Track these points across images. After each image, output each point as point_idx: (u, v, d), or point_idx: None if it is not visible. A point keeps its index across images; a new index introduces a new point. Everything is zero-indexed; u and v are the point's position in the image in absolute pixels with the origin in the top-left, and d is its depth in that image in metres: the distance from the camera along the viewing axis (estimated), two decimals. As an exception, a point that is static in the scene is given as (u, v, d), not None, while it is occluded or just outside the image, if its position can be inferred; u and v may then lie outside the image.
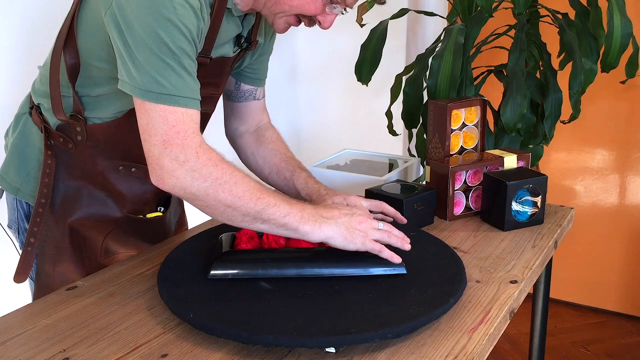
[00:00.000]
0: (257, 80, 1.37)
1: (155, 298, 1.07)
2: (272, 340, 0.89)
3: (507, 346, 2.61)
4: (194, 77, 1.02)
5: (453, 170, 1.39)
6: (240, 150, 1.40)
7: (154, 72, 0.98)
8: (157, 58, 0.97)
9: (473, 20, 1.94)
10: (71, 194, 1.21)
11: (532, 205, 1.36)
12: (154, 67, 0.98)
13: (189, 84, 1.01)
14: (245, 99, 1.37)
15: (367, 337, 0.90)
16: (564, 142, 2.75)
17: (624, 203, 2.76)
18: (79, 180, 1.21)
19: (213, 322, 0.93)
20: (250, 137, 1.39)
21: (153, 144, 0.99)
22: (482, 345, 0.93)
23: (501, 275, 1.14)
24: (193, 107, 1.01)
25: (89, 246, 1.24)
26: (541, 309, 1.52)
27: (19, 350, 0.93)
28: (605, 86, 2.42)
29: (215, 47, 1.13)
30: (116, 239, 1.27)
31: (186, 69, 1.00)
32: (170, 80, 0.99)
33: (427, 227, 1.37)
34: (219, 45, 1.14)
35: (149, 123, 0.99)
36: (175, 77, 0.99)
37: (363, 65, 2.11)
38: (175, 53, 0.98)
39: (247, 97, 1.37)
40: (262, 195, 1.02)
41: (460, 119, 1.47)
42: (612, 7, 1.90)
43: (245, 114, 1.38)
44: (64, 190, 1.21)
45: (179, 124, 0.99)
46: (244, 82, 1.35)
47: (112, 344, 0.94)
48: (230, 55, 1.20)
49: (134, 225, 1.28)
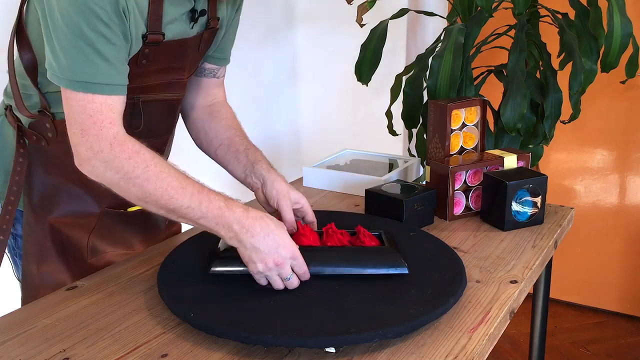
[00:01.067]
0: (221, 60, 1.33)
1: (155, 298, 1.07)
2: (272, 340, 0.89)
3: (507, 346, 2.61)
4: (113, 63, 1.00)
5: (453, 170, 1.39)
6: (191, 124, 1.35)
7: (69, 59, 0.98)
8: (72, 45, 0.97)
9: (473, 20, 1.94)
10: (49, 191, 1.20)
11: (532, 206, 1.36)
12: (69, 54, 0.97)
13: (104, 70, 0.99)
14: (205, 75, 1.33)
15: (367, 337, 0.90)
16: (564, 142, 2.75)
17: (624, 203, 2.76)
18: (55, 177, 1.19)
19: (213, 322, 0.93)
20: (203, 111, 1.34)
21: (73, 132, 1.01)
22: (482, 345, 0.93)
23: (501, 275, 1.14)
24: (110, 93, 1.00)
25: (74, 245, 1.23)
26: (541, 309, 1.52)
27: (19, 350, 0.93)
28: (605, 86, 2.41)
29: (166, 24, 1.09)
30: (101, 236, 1.26)
31: (102, 55, 0.99)
32: (84, 68, 0.98)
33: (427, 227, 1.37)
34: (170, 21, 1.10)
35: (69, 112, 1.00)
36: (89, 64, 0.98)
37: (363, 65, 2.11)
38: (90, 39, 0.97)
39: (206, 74, 1.33)
40: (175, 195, 1.00)
41: (460, 119, 1.47)
42: (612, 7, 1.90)
43: (201, 88, 1.33)
44: (41, 188, 1.19)
45: (96, 113, 0.99)
46: (208, 62, 1.31)
47: (112, 344, 0.94)
48: (190, 34, 1.15)
49: (116, 220, 1.27)
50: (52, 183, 1.20)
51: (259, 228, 1.01)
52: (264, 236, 1.01)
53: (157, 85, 1.16)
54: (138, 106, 1.15)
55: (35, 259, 1.22)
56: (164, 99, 1.19)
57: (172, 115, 1.26)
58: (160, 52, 1.10)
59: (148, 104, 1.17)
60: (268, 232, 1.02)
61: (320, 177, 1.64)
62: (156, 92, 1.17)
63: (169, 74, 1.15)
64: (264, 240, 1.01)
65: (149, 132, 1.20)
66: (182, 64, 1.19)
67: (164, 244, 1.31)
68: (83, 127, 0.99)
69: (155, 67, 1.13)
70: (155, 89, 1.16)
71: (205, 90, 1.34)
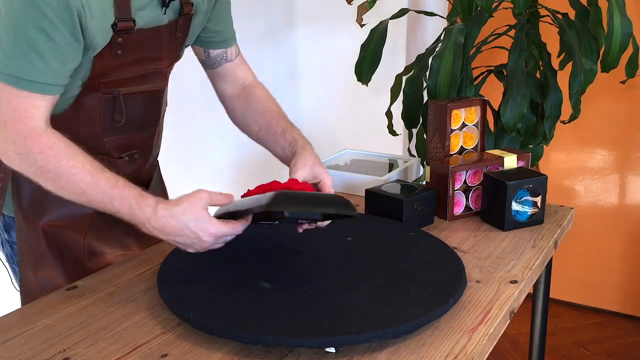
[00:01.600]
0: (224, 42, 1.31)
1: (155, 298, 1.07)
2: (272, 340, 0.89)
3: (507, 346, 2.61)
4: (50, 63, 1.00)
5: (453, 170, 1.39)
6: (230, 112, 1.36)
7: (6, 53, 0.99)
8: (11, 40, 0.98)
9: (473, 20, 1.94)
10: (37, 195, 1.18)
11: (532, 205, 1.36)
12: (7, 48, 0.99)
13: (40, 69, 1.00)
14: (219, 64, 1.32)
15: (367, 337, 0.90)
16: (564, 142, 2.75)
17: (624, 203, 2.76)
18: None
19: (213, 322, 0.93)
20: (236, 99, 1.33)
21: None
22: (482, 345, 0.93)
23: (501, 275, 1.14)
24: (41, 92, 1.01)
25: (70, 249, 1.22)
26: (541, 309, 1.52)
27: (19, 350, 0.93)
28: (605, 86, 2.41)
29: (137, 11, 1.07)
30: (97, 237, 1.24)
31: (40, 54, 0.99)
32: (20, 64, 0.99)
33: (427, 227, 1.37)
34: (140, 8, 1.08)
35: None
36: (25, 62, 0.99)
37: (363, 65, 2.11)
38: (31, 37, 0.98)
39: (220, 62, 1.32)
40: (88, 190, 1.02)
41: (460, 119, 1.47)
42: (612, 7, 1.90)
43: (225, 77, 1.33)
44: (29, 192, 1.19)
45: (20, 107, 1.01)
46: (212, 48, 1.30)
47: (112, 344, 0.94)
48: (163, 21, 1.13)
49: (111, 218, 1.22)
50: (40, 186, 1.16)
51: (170, 228, 1.01)
52: (178, 233, 1.02)
53: (136, 77, 1.15)
54: (119, 100, 1.14)
55: (31, 266, 1.21)
56: (144, 91, 1.18)
57: (155, 107, 1.24)
58: (134, 41, 1.09)
59: (129, 97, 1.16)
60: (180, 228, 1.01)
61: (320, 177, 1.63)
62: (136, 84, 1.16)
63: (147, 64, 1.14)
64: (180, 236, 1.02)
65: (134, 125, 1.19)
66: (159, 53, 1.17)
67: (164, 243, 1.31)
68: (5, 118, 1.01)
69: (132, 57, 1.11)
70: (135, 81, 1.15)
71: (227, 77, 1.33)
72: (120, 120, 1.16)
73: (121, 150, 1.21)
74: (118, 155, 1.21)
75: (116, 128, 1.14)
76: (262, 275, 1.07)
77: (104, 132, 1.16)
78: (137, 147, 1.23)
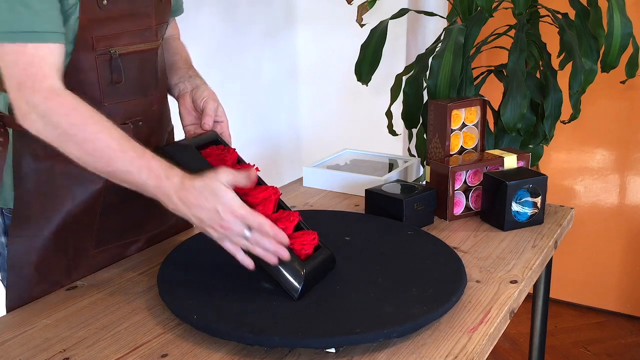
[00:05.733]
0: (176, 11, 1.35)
1: (155, 298, 1.07)
2: (279, 341, 0.89)
3: (507, 346, 2.61)
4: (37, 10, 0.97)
5: (453, 170, 1.39)
6: None
7: None
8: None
9: (473, 20, 1.94)
10: (44, 177, 1.13)
11: (532, 206, 1.36)
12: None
13: (28, 18, 0.96)
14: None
15: (372, 336, 0.90)
16: (564, 142, 2.75)
17: (624, 203, 2.76)
18: (48, 160, 1.12)
19: (216, 324, 0.93)
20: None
21: (10, 86, 0.99)
22: (482, 345, 0.93)
23: (501, 275, 1.14)
24: (38, 40, 0.98)
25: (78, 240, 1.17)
26: (541, 309, 1.52)
27: (19, 350, 0.93)
28: (605, 86, 2.41)
29: None
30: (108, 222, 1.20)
31: (24, 2, 0.96)
32: (6, 17, 0.95)
33: (427, 227, 1.37)
34: None
35: (3, 67, 0.99)
36: (11, 13, 0.96)
37: (363, 65, 2.11)
38: None
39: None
40: (114, 157, 0.98)
41: (460, 119, 1.47)
42: (612, 7, 1.90)
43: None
44: (34, 176, 1.13)
45: (29, 66, 0.98)
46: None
47: (112, 344, 0.94)
48: None
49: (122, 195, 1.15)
50: (45, 168, 1.13)
51: (193, 198, 0.97)
52: (199, 204, 0.97)
53: (127, 34, 1.13)
54: (117, 60, 1.12)
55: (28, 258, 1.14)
56: (138, 50, 1.17)
57: (151, 69, 1.22)
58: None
59: (125, 57, 1.14)
60: (202, 199, 0.97)
61: (320, 177, 1.64)
62: (128, 43, 1.14)
63: (136, 20, 1.13)
64: (201, 209, 0.97)
65: (133, 89, 1.17)
66: (147, 8, 1.16)
67: (164, 243, 1.31)
68: (18, 80, 0.98)
69: (119, 10, 1.10)
70: (127, 38, 1.14)
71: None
72: (119, 80, 1.13)
73: (124, 116, 1.17)
74: (122, 121, 1.17)
75: (116, 91, 1.11)
76: (262, 276, 1.07)
77: (104, 96, 1.13)
78: (140, 113, 1.21)
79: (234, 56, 2.49)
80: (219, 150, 1.16)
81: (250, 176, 1.03)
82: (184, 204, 0.98)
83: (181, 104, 1.26)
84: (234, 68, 2.49)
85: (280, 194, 1.11)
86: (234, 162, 1.15)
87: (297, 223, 1.08)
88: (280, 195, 1.11)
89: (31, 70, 0.98)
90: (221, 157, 1.14)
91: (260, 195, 1.07)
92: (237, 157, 1.16)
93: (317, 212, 1.39)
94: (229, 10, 2.43)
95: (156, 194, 0.99)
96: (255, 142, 2.68)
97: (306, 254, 1.05)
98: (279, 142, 2.85)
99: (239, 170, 1.03)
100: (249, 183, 1.03)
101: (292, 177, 1.77)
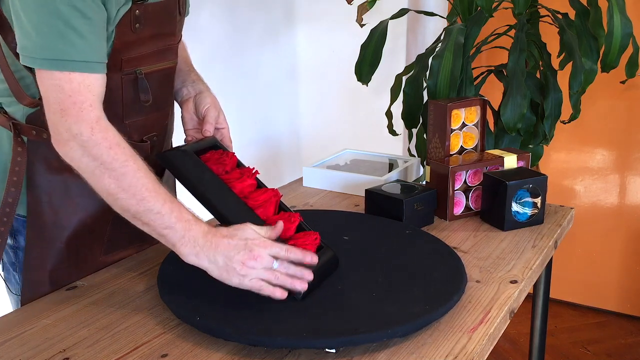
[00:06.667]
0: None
1: (155, 298, 1.07)
2: (282, 341, 0.89)
3: (507, 346, 2.61)
4: (89, 39, 0.97)
5: (453, 170, 1.39)
6: None
7: (42, 36, 0.94)
8: (43, 21, 0.94)
9: (473, 20, 1.94)
10: (57, 187, 1.13)
11: (532, 206, 1.36)
12: (41, 31, 0.94)
13: (80, 47, 0.96)
14: None
15: (375, 336, 0.90)
16: (564, 142, 2.75)
17: (624, 203, 2.76)
18: (61, 172, 1.12)
19: (217, 325, 0.93)
20: None
21: (52, 112, 0.98)
22: (482, 345, 0.93)
23: (501, 275, 1.14)
24: (88, 71, 0.97)
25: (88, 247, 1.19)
26: (541, 309, 1.52)
27: (19, 350, 0.93)
28: (605, 86, 2.41)
29: None
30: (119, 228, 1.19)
31: (77, 31, 0.95)
32: (58, 45, 0.94)
33: (427, 227, 1.37)
34: None
35: (46, 93, 0.97)
36: (63, 41, 0.95)
37: (363, 65, 2.11)
38: (63, 14, 0.94)
39: None
40: (148, 197, 0.97)
41: (460, 119, 1.47)
42: (612, 7, 1.90)
43: None
44: (47, 186, 1.13)
45: (75, 94, 0.96)
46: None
47: (112, 344, 0.94)
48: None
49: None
50: (58, 178, 1.14)
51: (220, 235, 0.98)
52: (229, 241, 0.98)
53: (153, 54, 1.14)
54: (143, 80, 1.13)
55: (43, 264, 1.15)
56: (161, 69, 1.17)
57: (170, 85, 1.24)
58: (150, 15, 1.08)
59: (149, 76, 1.15)
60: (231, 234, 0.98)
61: (320, 177, 1.64)
62: (153, 62, 1.15)
63: (162, 39, 1.13)
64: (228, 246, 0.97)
65: (153, 105, 1.17)
66: (172, 28, 1.17)
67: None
68: (62, 107, 0.96)
69: (149, 32, 1.10)
70: (152, 58, 1.14)
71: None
72: (147, 100, 1.14)
73: (141, 132, 1.18)
74: (139, 138, 1.18)
75: (136, 109, 1.11)
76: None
77: (125, 114, 1.14)
78: (155, 128, 1.22)
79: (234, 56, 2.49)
80: (218, 155, 1.16)
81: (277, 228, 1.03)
82: (210, 245, 0.98)
83: (184, 109, 1.26)
84: (234, 68, 2.49)
85: (280, 195, 1.11)
86: (234, 166, 1.15)
87: (299, 224, 1.08)
88: (280, 197, 1.11)
89: (78, 98, 0.97)
90: (220, 161, 1.14)
91: (260, 198, 1.08)
92: (236, 161, 1.16)
93: (317, 212, 1.39)
94: (229, 10, 2.43)
95: (182, 237, 0.99)
96: (255, 142, 2.68)
97: None
98: (279, 142, 2.85)
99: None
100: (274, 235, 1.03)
101: (292, 177, 1.77)
